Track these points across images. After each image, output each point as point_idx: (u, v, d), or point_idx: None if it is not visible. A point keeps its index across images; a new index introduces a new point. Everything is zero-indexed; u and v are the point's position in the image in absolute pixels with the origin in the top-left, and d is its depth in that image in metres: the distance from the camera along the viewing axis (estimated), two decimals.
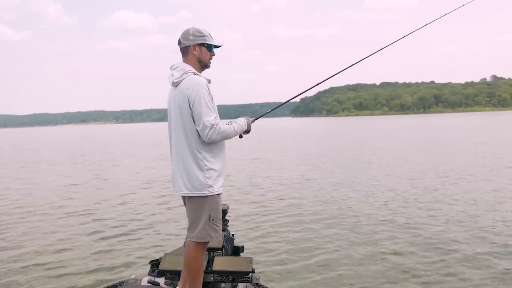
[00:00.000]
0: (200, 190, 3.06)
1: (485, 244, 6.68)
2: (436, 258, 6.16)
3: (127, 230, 8.26)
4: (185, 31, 3.23)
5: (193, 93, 3.01)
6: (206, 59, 3.24)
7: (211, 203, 3.09)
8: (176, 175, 3.18)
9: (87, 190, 13.29)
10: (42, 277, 5.95)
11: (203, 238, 3.10)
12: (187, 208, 3.19)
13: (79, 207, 10.61)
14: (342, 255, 6.46)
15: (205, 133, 3.00)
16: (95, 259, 6.62)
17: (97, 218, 9.31)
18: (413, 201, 9.99)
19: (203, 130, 3.01)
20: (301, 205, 10.03)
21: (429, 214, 8.69)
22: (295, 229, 7.99)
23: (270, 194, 11.60)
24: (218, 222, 3.15)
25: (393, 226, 7.94)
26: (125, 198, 11.56)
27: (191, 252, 3.13)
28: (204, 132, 3.01)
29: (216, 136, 3.03)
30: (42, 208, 10.64)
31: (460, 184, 11.90)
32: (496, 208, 8.99)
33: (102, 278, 5.75)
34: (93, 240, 7.69)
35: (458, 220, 8.11)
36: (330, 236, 7.47)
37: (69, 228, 8.57)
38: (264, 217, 8.93)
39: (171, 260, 3.55)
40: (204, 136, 3.02)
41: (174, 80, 3.14)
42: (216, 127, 3.01)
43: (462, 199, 9.92)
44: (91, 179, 15.75)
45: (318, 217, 8.81)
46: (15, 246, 7.50)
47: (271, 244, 7.08)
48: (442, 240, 6.96)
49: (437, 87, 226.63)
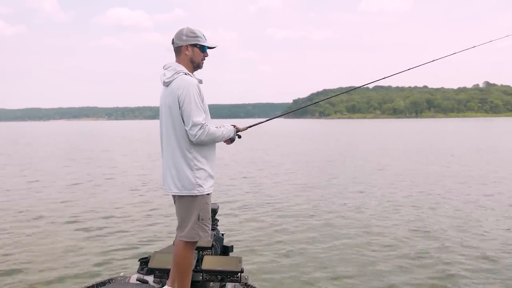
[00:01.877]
0: (190, 189, 3.08)
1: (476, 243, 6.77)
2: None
3: (116, 228, 8.25)
4: (179, 31, 3.24)
5: (183, 93, 3.02)
6: (198, 59, 3.25)
7: (200, 203, 3.10)
8: (166, 174, 3.19)
9: (77, 188, 13.20)
10: (31, 275, 5.92)
11: (192, 237, 3.11)
12: (176, 207, 3.20)
13: (69, 204, 10.55)
14: (332, 256, 6.52)
15: (194, 133, 3.01)
16: (84, 256, 6.60)
17: (87, 216, 9.26)
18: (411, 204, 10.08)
19: (191, 130, 3.01)
20: (292, 206, 10.08)
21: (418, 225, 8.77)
22: (284, 230, 8.04)
23: (260, 194, 11.65)
24: (207, 222, 3.16)
25: (385, 231, 8.02)
26: (116, 196, 11.53)
27: (180, 251, 3.14)
28: (192, 132, 3.01)
29: (204, 137, 3.03)
30: (31, 207, 10.57)
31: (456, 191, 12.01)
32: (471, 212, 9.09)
33: (91, 275, 5.75)
34: (82, 237, 7.66)
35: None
36: (320, 236, 7.54)
37: (58, 225, 8.52)
38: (253, 217, 8.98)
39: (160, 259, 3.56)
40: (192, 136, 3.02)
41: (165, 79, 3.15)
42: (205, 128, 3.02)
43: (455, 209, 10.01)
44: (81, 177, 15.65)
45: (308, 218, 8.88)
46: (1, 244, 7.45)
47: (261, 244, 7.12)
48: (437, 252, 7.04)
49: (429, 91, 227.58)
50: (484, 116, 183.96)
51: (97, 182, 14.34)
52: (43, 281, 5.72)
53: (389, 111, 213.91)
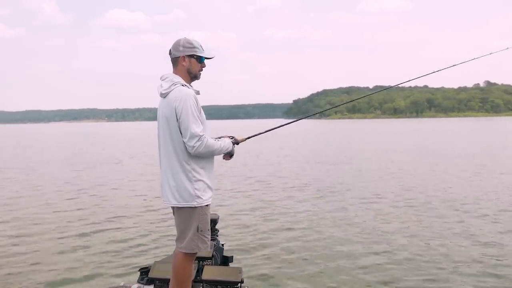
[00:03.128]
0: (189, 201, 3.09)
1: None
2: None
3: (117, 237, 8.16)
4: (176, 41, 3.25)
5: (180, 105, 3.03)
6: (195, 70, 3.25)
7: (199, 214, 3.11)
8: (164, 185, 3.20)
9: (78, 194, 13.00)
10: (31, 285, 5.89)
11: (191, 249, 3.13)
12: (176, 219, 3.21)
13: (68, 212, 10.46)
14: (333, 266, 6.42)
15: (192, 144, 3.01)
16: (85, 266, 6.56)
17: (87, 224, 9.17)
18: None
19: (189, 141, 3.01)
20: (292, 215, 9.82)
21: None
22: (285, 239, 7.88)
23: (261, 204, 11.27)
24: (207, 233, 3.17)
25: (391, 236, 7.99)
26: (116, 205, 11.35)
27: (179, 262, 3.16)
28: (190, 143, 3.01)
29: (202, 149, 3.03)
30: (31, 212, 10.56)
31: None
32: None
33: (91, 285, 5.73)
34: (83, 246, 7.60)
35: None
36: (321, 246, 7.40)
37: (58, 234, 8.46)
38: (254, 227, 8.79)
39: (161, 269, 3.58)
40: (190, 148, 3.03)
41: (162, 91, 3.16)
42: (203, 140, 3.02)
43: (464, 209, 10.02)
44: (82, 183, 15.51)
45: (310, 227, 8.66)
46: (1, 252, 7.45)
47: (261, 255, 7.02)
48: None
49: (430, 91, 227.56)
50: (485, 115, 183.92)
51: (98, 190, 14.06)
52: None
53: (389, 111, 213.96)
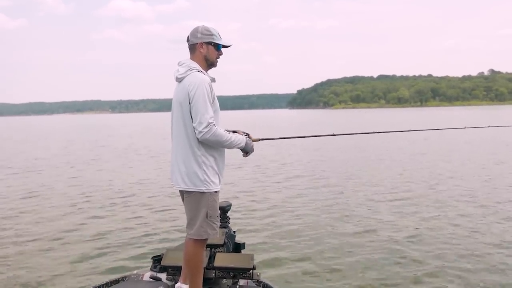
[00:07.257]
0: (198, 186, 3.09)
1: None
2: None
3: (130, 226, 8.23)
4: (194, 29, 3.25)
5: (194, 89, 3.02)
6: (212, 57, 3.25)
7: (208, 200, 3.11)
8: (174, 169, 3.21)
9: (90, 184, 13.09)
10: (45, 272, 5.97)
11: (201, 235, 3.13)
12: (185, 205, 3.22)
13: (82, 201, 10.53)
14: (346, 255, 6.44)
15: (200, 129, 2.99)
16: (98, 255, 6.64)
17: (99, 213, 9.26)
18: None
19: (198, 126, 3.00)
20: (304, 203, 9.86)
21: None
22: (297, 227, 7.92)
23: (272, 191, 11.37)
24: (216, 220, 3.18)
25: (403, 235, 7.93)
26: (128, 193, 11.43)
27: (190, 249, 3.17)
28: (199, 128, 3.00)
29: (210, 136, 3.01)
30: (44, 200, 10.67)
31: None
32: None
33: (104, 273, 5.79)
34: (96, 235, 7.67)
35: None
36: (332, 235, 7.42)
37: (72, 223, 8.53)
38: (265, 215, 8.85)
39: (173, 256, 3.59)
40: (198, 133, 3.01)
41: (178, 75, 3.16)
42: (211, 127, 3.00)
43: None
44: (94, 172, 15.60)
45: (321, 215, 8.70)
46: (14, 235, 7.57)
47: (273, 242, 7.08)
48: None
49: (434, 80, 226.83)
50: (490, 104, 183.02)
51: (109, 178, 14.16)
52: (57, 278, 5.78)
53: (393, 101, 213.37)
